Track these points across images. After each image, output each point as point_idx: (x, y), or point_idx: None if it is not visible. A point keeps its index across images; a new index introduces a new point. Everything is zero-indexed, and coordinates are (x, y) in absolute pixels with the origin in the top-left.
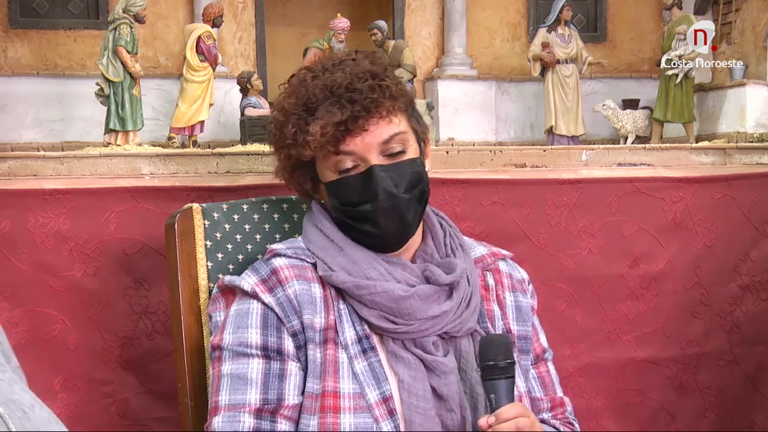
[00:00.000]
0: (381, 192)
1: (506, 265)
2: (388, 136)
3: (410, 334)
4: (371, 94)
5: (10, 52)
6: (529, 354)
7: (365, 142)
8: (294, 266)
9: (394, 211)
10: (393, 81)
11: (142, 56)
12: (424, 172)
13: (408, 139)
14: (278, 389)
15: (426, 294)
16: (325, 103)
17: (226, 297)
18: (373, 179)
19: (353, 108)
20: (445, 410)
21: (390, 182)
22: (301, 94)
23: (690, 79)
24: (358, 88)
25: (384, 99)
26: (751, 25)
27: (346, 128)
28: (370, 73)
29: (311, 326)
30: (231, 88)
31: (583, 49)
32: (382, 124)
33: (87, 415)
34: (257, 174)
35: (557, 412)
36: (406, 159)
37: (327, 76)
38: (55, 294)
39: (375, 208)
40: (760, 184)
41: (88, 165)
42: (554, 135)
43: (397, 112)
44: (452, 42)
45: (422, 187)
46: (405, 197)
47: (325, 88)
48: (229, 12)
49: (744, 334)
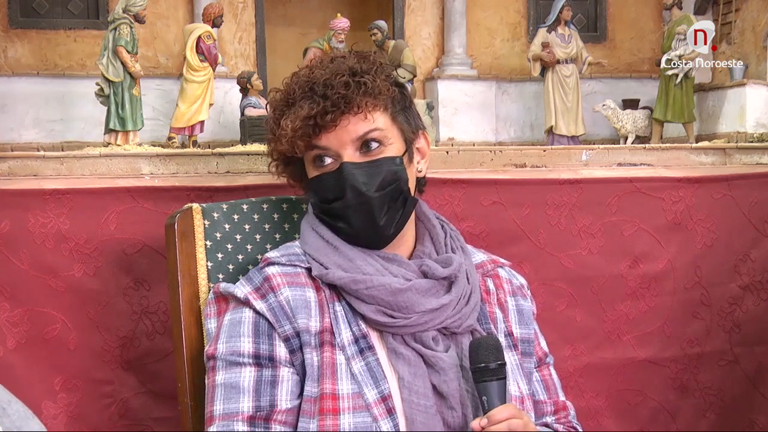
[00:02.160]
0: (349, 189)
1: (505, 272)
2: (363, 132)
3: (409, 327)
4: (343, 89)
5: (10, 52)
6: (532, 357)
7: (338, 137)
8: (286, 274)
9: (363, 209)
10: (373, 78)
11: (142, 56)
12: (403, 170)
13: (386, 136)
14: (270, 396)
15: (424, 287)
16: (300, 98)
17: (219, 304)
18: (342, 176)
19: (324, 103)
20: (446, 408)
21: (359, 180)
22: (285, 90)
23: (690, 79)
24: (332, 84)
25: (357, 95)
26: (751, 25)
27: (315, 123)
28: (350, 70)
29: (306, 330)
30: (231, 88)
31: (583, 49)
32: (354, 120)
33: (87, 415)
34: (257, 174)
35: (560, 415)
36: (381, 157)
37: (312, 72)
38: (55, 294)
39: (344, 205)
40: (760, 184)
41: (88, 165)
42: (554, 135)
43: (375, 110)
44: (452, 42)
45: (398, 185)
46: (374, 195)
47: (305, 84)
48: (229, 12)
49: (744, 334)
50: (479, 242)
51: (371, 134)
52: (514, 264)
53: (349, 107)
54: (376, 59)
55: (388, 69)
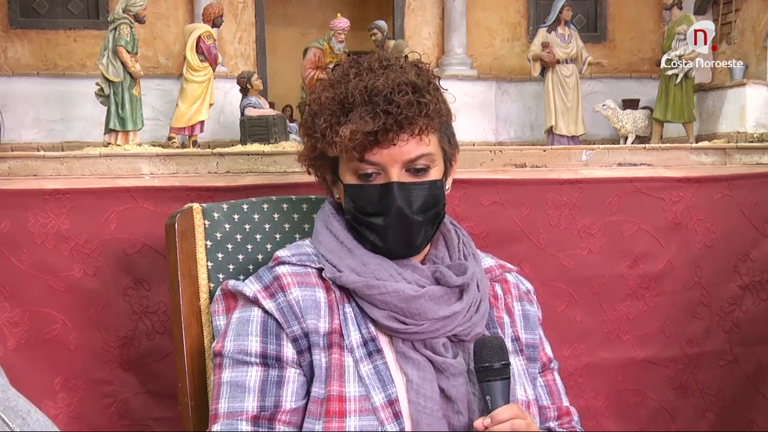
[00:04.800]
0: (395, 209)
1: (513, 277)
2: (416, 155)
3: (420, 334)
4: (408, 109)
5: (10, 52)
6: (537, 362)
7: (391, 155)
8: (297, 274)
9: (403, 230)
10: (433, 98)
11: (142, 56)
12: (443, 194)
13: (435, 159)
14: (276, 396)
15: (436, 295)
16: (360, 107)
17: (227, 301)
18: (390, 194)
19: (387, 120)
20: (453, 412)
21: (405, 201)
22: (339, 90)
23: (690, 79)
24: (396, 100)
25: (419, 117)
26: (751, 25)
27: (375, 139)
28: (412, 86)
29: (315, 331)
30: (231, 88)
31: (583, 49)
32: (411, 141)
33: (87, 415)
34: (257, 174)
35: (564, 421)
36: (426, 180)
37: (369, 78)
38: (55, 294)
39: (385, 223)
40: (760, 184)
41: (88, 165)
42: (554, 135)
43: (430, 132)
44: (452, 42)
45: (437, 210)
46: (417, 219)
47: (365, 92)
48: (229, 12)
49: (744, 334)
50: (479, 242)
51: (423, 158)
52: (514, 264)
53: (411, 128)
54: (431, 74)
55: (440, 86)
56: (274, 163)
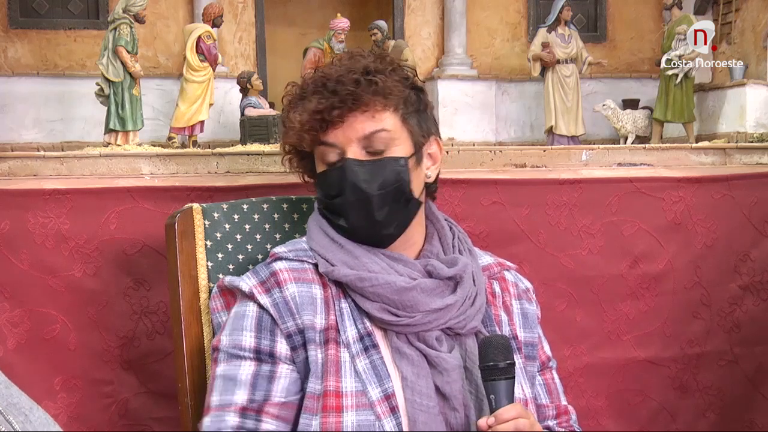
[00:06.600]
0: (348, 186)
1: (511, 275)
2: (368, 131)
3: (413, 327)
4: (353, 86)
5: (10, 52)
6: (536, 361)
7: (344, 134)
8: (294, 269)
9: (362, 207)
10: (386, 78)
11: (142, 56)
12: (406, 171)
13: (393, 137)
14: (266, 390)
15: (429, 287)
16: (312, 93)
17: (225, 297)
18: (344, 173)
19: (333, 99)
20: (449, 409)
21: (360, 177)
22: (301, 84)
23: (690, 79)
24: (343, 81)
25: (366, 94)
26: (751, 25)
27: (322, 118)
28: (363, 69)
29: (311, 327)
30: (231, 88)
31: (583, 49)
32: (361, 118)
33: (87, 415)
34: (257, 174)
35: (562, 420)
36: (384, 157)
37: (327, 69)
38: (55, 294)
39: (343, 201)
40: (760, 184)
41: (88, 165)
42: (554, 135)
43: (384, 110)
44: (452, 42)
45: (400, 186)
46: (374, 193)
47: (318, 80)
48: (229, 12)
49: (744, 334)
50: (479, 242)
51: (377, 134)
52: (515, 264)
53: (357, 105)
54: (394, 60)
55: (405, 71)
56: (274, 163)
